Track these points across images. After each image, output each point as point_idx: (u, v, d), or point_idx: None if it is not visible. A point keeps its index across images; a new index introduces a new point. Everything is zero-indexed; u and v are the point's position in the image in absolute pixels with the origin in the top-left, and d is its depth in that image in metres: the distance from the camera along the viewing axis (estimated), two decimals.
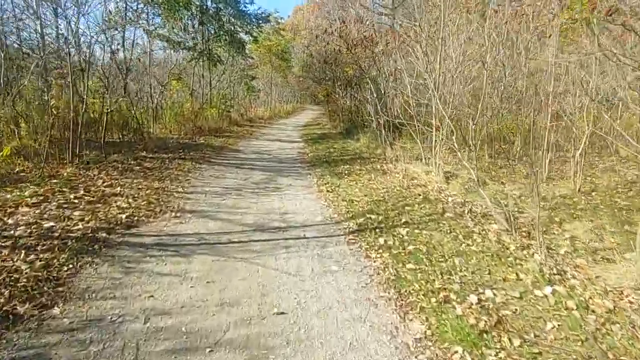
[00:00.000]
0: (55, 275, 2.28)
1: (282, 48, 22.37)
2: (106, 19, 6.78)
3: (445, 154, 5.87)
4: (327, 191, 4.97)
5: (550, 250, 2.86)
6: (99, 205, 3.52)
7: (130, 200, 3.78)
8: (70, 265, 2.40)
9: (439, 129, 5.44)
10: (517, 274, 2.53)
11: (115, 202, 3.66)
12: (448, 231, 3.32)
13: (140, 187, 4.33)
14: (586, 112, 4.39)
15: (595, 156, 6.12)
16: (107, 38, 6.93)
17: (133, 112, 7.66)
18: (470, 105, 5.12)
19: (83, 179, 4.30)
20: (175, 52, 9.97)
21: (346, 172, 6.17)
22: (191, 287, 2.31)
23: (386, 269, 2.65)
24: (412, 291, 2.35)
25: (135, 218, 3.34)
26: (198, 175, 5.45)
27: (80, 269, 2.38)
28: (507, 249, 2.92)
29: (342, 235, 3.36)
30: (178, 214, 3.61)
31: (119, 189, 4.10)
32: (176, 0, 10.15)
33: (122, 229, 3.08)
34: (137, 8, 9.27)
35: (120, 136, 8.15)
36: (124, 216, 3.29)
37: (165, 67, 11.01)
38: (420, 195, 4.59)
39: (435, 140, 5.59)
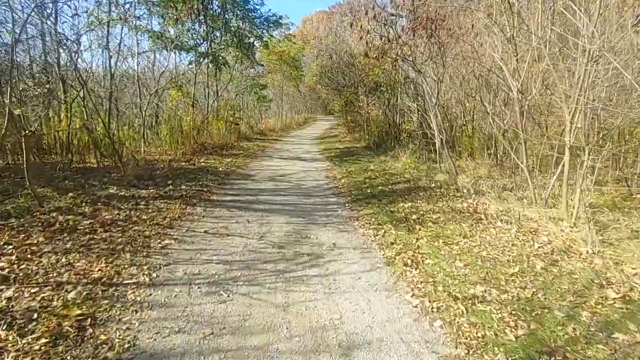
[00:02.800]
0: None
1: (293, 55, 20.55)
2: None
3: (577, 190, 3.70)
4: (404, 264, 2.84)
5: None
6: None
7: (9, 338, 1.70)
8: None
9: (579, 152, 3.28)
10: None
11: None
12: None
13: (64, 278, 2.27)
14: None
15: None
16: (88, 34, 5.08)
17: (108, 130, 5.70)
18: None
19: None
20: (170, 52, 8.09)
21: (413, 215, 4.04)
22: None
23: None
24: None
25: None
26: (185, 231, 3.37)
27: None
28: None
29: None
30: None
31: (11, 291, 2.03)
32: None
33: None
34: (124, 2, 7.45)
35: (96, 161, 6.24)
36: None
37: (167, 77, 9.19)
38: (600, 285, 2.39)
39: (573, 167, 3.42)
